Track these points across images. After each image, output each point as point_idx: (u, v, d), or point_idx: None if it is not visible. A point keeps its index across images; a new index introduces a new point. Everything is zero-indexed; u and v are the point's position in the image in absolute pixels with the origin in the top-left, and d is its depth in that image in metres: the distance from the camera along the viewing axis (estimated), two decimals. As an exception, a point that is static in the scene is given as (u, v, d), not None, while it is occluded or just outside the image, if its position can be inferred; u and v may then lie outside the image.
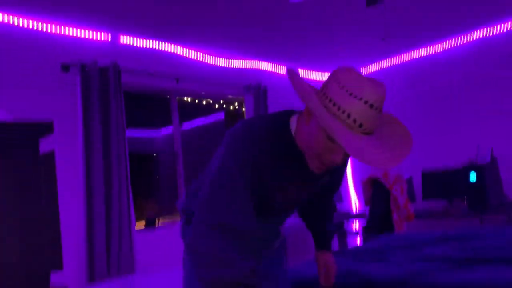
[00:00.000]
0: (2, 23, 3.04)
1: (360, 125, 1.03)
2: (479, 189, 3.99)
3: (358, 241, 4.54)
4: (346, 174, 1.52)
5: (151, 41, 3.74)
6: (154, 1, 3.05)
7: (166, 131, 9.21)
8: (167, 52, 3.89)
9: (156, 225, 3.77)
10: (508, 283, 1.40)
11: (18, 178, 0.63)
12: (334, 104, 1.04)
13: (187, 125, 9.03)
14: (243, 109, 4.76)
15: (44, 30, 3.21)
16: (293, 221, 1.73)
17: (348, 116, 1.02)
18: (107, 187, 3.25)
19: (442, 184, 4.54)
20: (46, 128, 0.64)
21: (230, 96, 4.77)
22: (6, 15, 3.04)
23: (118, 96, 3.39)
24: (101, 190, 3.19)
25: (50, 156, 0.66)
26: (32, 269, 0.62)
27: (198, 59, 4.16)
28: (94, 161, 3.20)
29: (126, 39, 3.63)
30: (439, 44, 4.74)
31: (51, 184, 0.66)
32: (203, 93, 4.57)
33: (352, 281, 1.73)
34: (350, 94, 1.03)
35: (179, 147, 4.12)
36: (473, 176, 4.01)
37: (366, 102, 1.02)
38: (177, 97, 4.21)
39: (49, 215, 0.65)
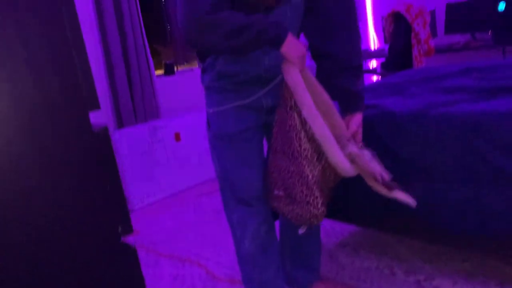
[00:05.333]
0: None
1: None
2: (506, 19, 3.80)
3: (375, 78, 4.55)
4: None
5: None
6: None
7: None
8: None
9: (175, 72, 3.81)
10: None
11: (43, 23, 0.62)
12: None
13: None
14: None
15: None
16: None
17: None
18: (122, 35, 3.20)
19: (467, 16, 4.33)
20: None
21: None
22: None
23: None
24: (116, 38, 3.15)
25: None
26: (72, 110, 0.66)
27: None
28: (105, 8, 3.09)
29: None
30: None
31: (76, 31, 0.65)
32: None
33: (372, 112, 1.78)
34: None
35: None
36: (502, 5, 3.79)
37: None
38: None
39: (79, 58, 0.66)
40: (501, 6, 3.78)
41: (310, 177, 1.24)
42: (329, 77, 1.42)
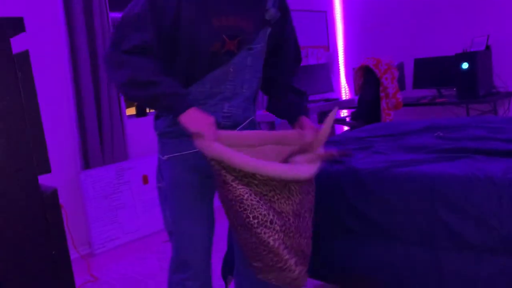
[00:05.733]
0: None
1: None
2: (470, 77, 3.99)
3: (346, 128, 4.65)
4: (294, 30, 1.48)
5: None
6: None
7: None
8: None
9: (147, 113, 3.79)
10: (487, 177, 1.46)
11: None
12: None
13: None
14: None
15: None
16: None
17: None
18: (94, 73, 3.18)
19: (433, 72, 4.53)
20: (17, 25, 0.60)
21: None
22: None
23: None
24: (88, 76, 3.12)
25: (25, 55, 0.63)
26: (20, 173, 0.64)
27: None
28: (78, 46, 3.09)
29: None
30: None
31: (28, 82, 0.64)
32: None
33: (338, 168, 1.80)
34: None
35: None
36: (465, 64, 3.98)
37: None
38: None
39: (31, 113, 0.64)
40: (464, 65, 3.98)
41: (271, 243, 1.20)
42: (280, 98, 1.58)
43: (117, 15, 3.42)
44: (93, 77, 3.17)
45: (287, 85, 1.59)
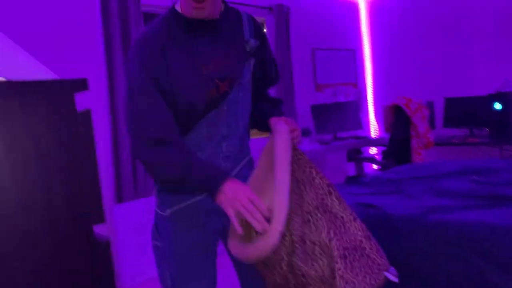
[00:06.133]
0: None
1: None
2: (503, 118, 3.94)
3: (375, 167, 4.61)
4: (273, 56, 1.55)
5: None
6: None
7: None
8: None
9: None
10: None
11: (58, 135, 0.66)
12: None
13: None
14: (264, 31, 4.63)
15: None
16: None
17: None
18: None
19: (464, 111, 4.49)
20: (81, 85, 0.66)
21: (251, 17, 4.62)
22: None
23: (138, 18, 3.32)
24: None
25: (87, 113, 0.68)
26: (76, 224, 0.68)
27: (219, -22, 3.97)
28: (116, 81, 3.23)
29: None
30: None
31: (89, 138, 0.69)
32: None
33: (371, 213, 1.80)
34: None
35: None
36: (497, 104, 3.93)
37: None
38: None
39: (89, 167, 0.69)
40: (497, 105, 3.93)
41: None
42: (255, 109, 1.51)
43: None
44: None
45: (263, 96, 1.57)
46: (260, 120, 1.47)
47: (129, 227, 3.21)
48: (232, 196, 1.15)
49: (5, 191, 0.69)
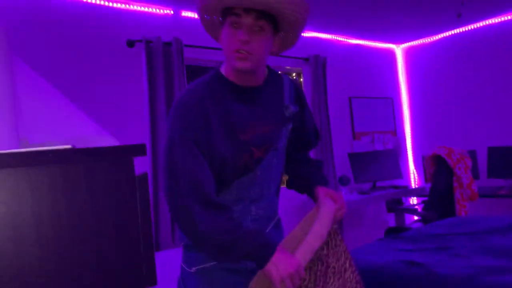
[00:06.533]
0: (71, 0, 3.15)
1: None
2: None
3: (416, 218, 4.47)
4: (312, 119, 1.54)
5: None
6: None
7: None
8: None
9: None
10: None
11: (117, 199, 0.69)
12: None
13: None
14: (301, 80, 4.71)
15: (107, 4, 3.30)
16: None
17: None
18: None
19: (509, 161, 4.33)
20: (140, 150, 0.68)
21: (288, 67, 4.73)
22: (75, -7, 3.14)
23: (181, 71, 3.46)
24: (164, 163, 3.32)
25: (144, 177, 0.70)
26: (129, 286, 0.69)
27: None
28: (158, 132, 3.32)
29: (187, 14, 3.66)
30: (516, 12, 4.39)
31: (145, 201, 0.71)
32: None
33: (418, 273, 1.73)
34: None
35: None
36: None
37: None
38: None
39: (144, 230, 0.71)
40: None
41: None
42: (297, 173, 1.52)
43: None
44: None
45: (303, 159, 1.56)
46: (303, 185, 1.48)
47: (167, 276, 3.19)
48: (284, 268, 1.15)
49: (66, 260, 0.71)
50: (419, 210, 4.23)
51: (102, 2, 3.26)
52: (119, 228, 0.77)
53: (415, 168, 5.34)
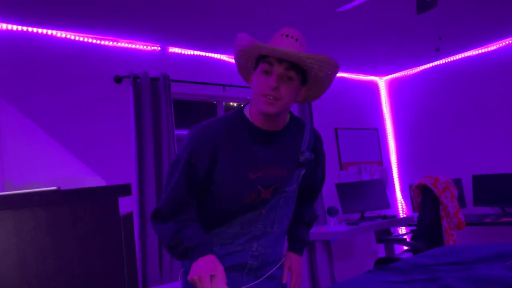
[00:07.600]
0: (58, 38, 3.19)
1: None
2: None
3: (405, 248, 4.46)
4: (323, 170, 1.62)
5: (198, 51, 3.82)
6: (200, 15, 3.11)
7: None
8: (213, 58, 3.95)
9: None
10: None
11: (102, 239, 0.69)
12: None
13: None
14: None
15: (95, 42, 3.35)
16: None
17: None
18: (158, 184, 3.36)
19: (494, 189, 4.39)
20: (125, 190, 0.69)
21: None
22: (60, 32, 3.19)
23: (168, 105, 3.49)
24: (153, 197, 3.30)
25: (129, 216, 0.71)
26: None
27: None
28: (145, 169, 3.32)
29: (174, 50, 3.73)
30: (494, 44, 4.56)
31: (130, 240, 0.71)
32: (248, 98, 4.61)
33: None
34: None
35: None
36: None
37: (281, 35, 1.33)
38: (224, 103, 4.28)
39: (129, 268, 0.71)
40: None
41: None
42: (290, 228, 1.58)
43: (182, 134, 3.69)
44: (157, 198, 3.35)
45: (301, 214, 1.61)
46: (289, 243, 1.61)
47: (154, 314, 3.12)
48: (199, 269, 1.21)
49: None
50: (407, 240, 4.23)
51: (90, 40, 3.31)
52: (104, 269, 0.77)
53: (403, 198, 5.37)
